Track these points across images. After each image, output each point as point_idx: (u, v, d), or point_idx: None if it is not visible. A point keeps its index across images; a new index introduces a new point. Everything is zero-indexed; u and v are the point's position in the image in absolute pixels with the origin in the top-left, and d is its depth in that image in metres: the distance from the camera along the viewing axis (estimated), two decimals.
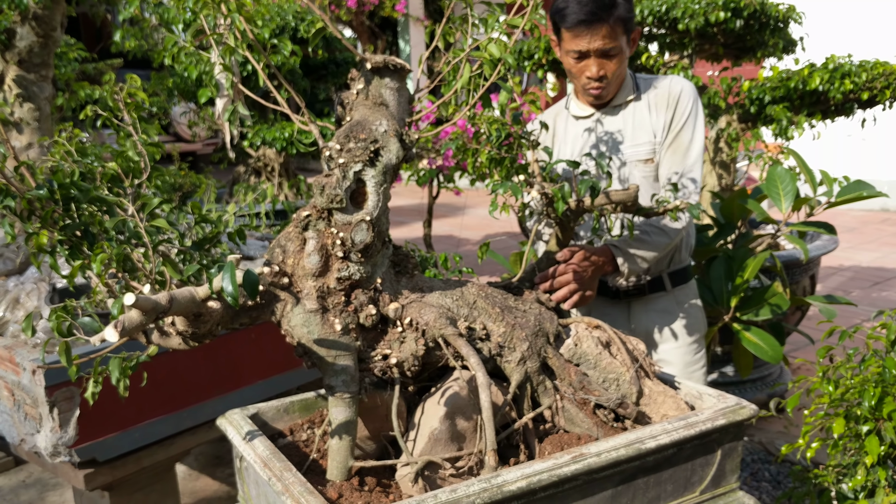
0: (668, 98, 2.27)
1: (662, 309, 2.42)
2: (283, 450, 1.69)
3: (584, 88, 2.25)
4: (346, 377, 1.49)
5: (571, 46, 2.16)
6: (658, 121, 2.27)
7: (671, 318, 2.42)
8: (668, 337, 2.44)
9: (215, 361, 2.33)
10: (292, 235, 1.50)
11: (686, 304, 2.44)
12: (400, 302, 1.55)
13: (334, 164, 1.45)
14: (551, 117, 2.42)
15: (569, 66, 2.22)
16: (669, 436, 1.55)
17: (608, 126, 2.32)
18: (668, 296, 2.41)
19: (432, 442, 1.49)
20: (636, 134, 2.28)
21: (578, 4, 2.11)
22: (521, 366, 1.59)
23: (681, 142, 2.26)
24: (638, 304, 2.41)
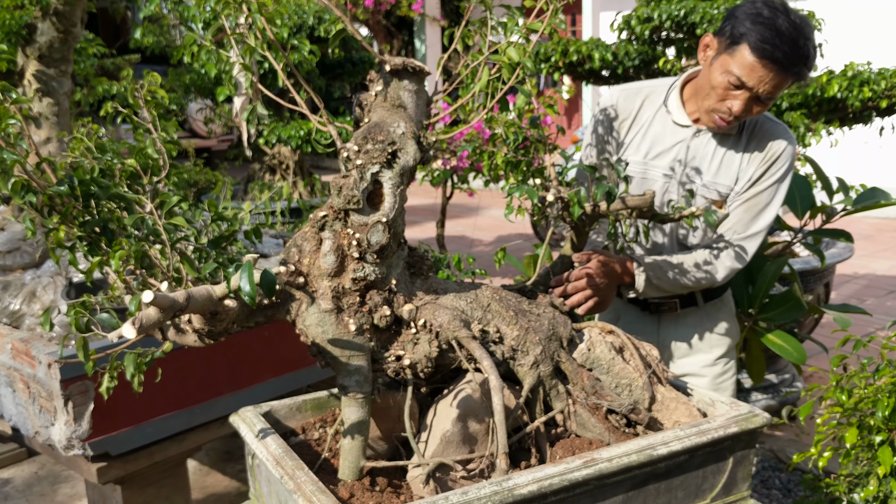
0: (769, 152, 2.10)
1: (694, 324, 2.35)
2: (294, 448, 1.69)
3: (710, 111, 2.03)
4: (360, 377, 1.49)
5: (737, 71, 1.93)
6: (747, 169, 2.11)
7: (702, 333, 2.34)
8: (697, 351, 2.37)
9: (228, 358, 2.34)
10: (308, 235, 1.51)
11: (718, 318, 2.36)
12: (414, 303, 1.55)
13: (352, 165, 1.45)
14: (639, 100, 2.19)
15: (713, 82, 1.98)
16: (681, 442, 1.54)
17: (699, 149, 2.14)
18: (700, 310, 2.33)
19: (444, 444, 1.49)
20: (721, 171, 2.13)
21: (779, 38, 1.88)
22: (534, 369, 1.60)
23: (758, 202, 2.12)
24: (668, 318, 2.35)
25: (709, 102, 2.03)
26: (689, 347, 2.38)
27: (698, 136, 2.15)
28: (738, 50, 1.93)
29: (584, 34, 12.21)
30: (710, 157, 2.14)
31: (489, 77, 1.56)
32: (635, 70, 3.96)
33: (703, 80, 2.05)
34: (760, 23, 1.91)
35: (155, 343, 1.56)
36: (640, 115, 2.20)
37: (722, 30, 1.98)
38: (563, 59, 3.96)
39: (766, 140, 2.13)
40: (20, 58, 3.17)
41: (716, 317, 2.38)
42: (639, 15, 3.84)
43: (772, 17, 1.91)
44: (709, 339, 2.38)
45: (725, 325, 2.39)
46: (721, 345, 2.40)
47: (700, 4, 3.66)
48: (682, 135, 2.16)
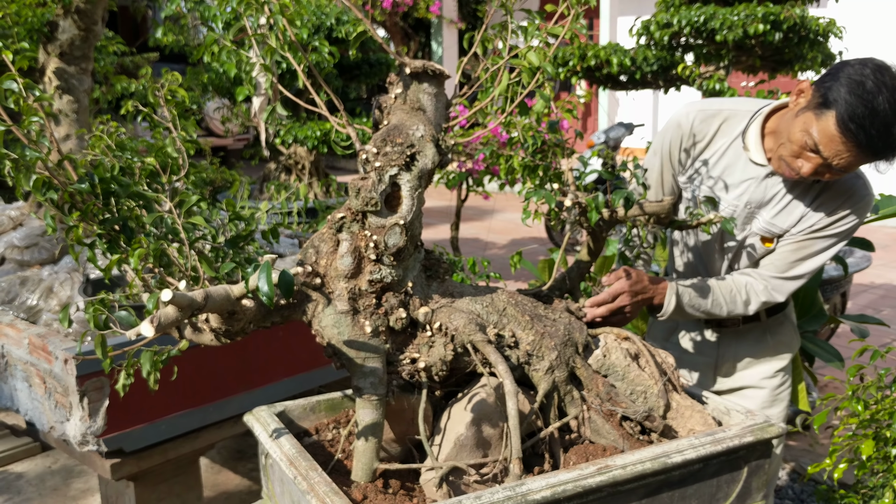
0: (839, 208, 1.99)
1: (755, 339, 2.30)
2: (308, 448, 1.70)
3: (781, 159, 1.92)
4: (375, 379, 1.49)
5: (817, 136, 1.79)
6: (811, 217, 2.01)
7: (763, 348, 2.30)
8: (758, 364, 2.33)
9: (242, 357, 2.35)
10: (326, 236, 1.51)
11: (780, 332, 2.33)
12: (430, 306, 1.55)
13: (370, 167, 1.46)
14: (715, 124, 2.06)
15: (791, 135, 1.85)
16: (696, 451, 1.53)
17: (769, 189, 2.03)
18: (761, 325, 2.29)
19: (458, 447, 1.49)
20: (784, 213, 2.03)
21: (870, 120, 1.72)
22: (549, 375, 1.59)
23: (810, 248, 2.03)
24: (728, 333, 2.30)
25: (782, 151, 1.91)
26: (749, 361, 2.33)
27: (771, 178, 2.04)
28: (826, 115, 1.78)
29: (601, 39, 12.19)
30: (777, 198, 2.04)
31: (509, 81, 1.56)
32: (653, 75, 3.95)
33: (786, 126, 1.90)
34: (858, 95, 1.73)
35: (171, 341, 1.57)
36: (715, 141, 2.08)
37: (821, 84, 1.82)
38: (580, 63, 3.95)
39: (840, 194, 2.00)
40: (41, 55, 3.20)
41: (778, 331, 2.33)
42: (658, 20, 3.83)
43: (874, 92, 1.73)
44: (770, 353, 2.33)
45: (787, 340, 2.34)
46: (782, 358, 2.35)
47: (720, 11, 3.65)
48: (754, 172, 2.04)
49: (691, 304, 2.05)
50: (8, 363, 2.31)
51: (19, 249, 2.75)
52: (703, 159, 2.09)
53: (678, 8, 3.80)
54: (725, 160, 2.07)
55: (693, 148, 2.10)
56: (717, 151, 2.08)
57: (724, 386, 2.37)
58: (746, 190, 2.05)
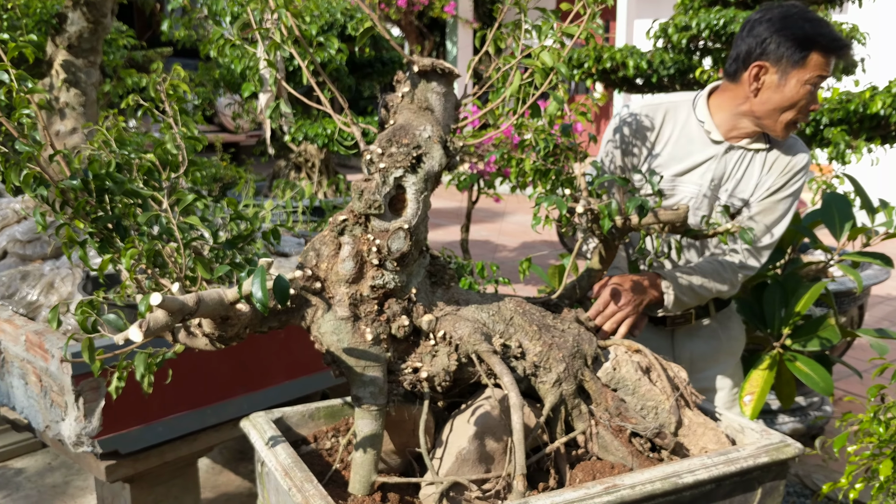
0: (788, 164, 2.11)
1: (708, 335, 2.32)
2: (305, 457, 1.64)
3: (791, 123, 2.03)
4: (374, 389, 1.44)
5: (818, 72, 1.96)
6: (766, 180, 2.12)
7: (716, 344, 2.32)
8: (712, 363, 2.34)
9: (242, 360, 2.30)
10: (327, 239, 1.46)
11: (730, 327, 2.35)
12: (434, 314, 1.49)
13: (375, 168, 1.40)
14: (659, 117, 2.14)
15: (793, 98, 1.99)
16: (708, 471, 1.47)
17: (730, 164, 2.13)
18: (713, 321, 2.31)
19: (459, 462, 1.43)
20: (742, 183, 2.13)
21: (827, 26, 1.98)
22: (557, 388, 1.53)
23: (773, 213, 2.13)
24: (682, 331, 2.31)
25: (790, 116, 2.02)
26: (705, 361, 2.35)
27: (730, 153, 2.14)
28: (810, 59, 1.95)
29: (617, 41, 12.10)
30: (735, 171, 2.14)
31: (521, 81, 1.50)
32: (670, 79, 3.87)
33: (772, 103, 2.02)
34: (812, 21, 1.96)
35: (166, 343, 1.52)
36: (663, 132, 2.16)
37: (770, 53, 1.99)
38: (596, 65, 3.88)
39: (786, 152, 2.13)
40: (49, 47, 3.16)
41: (727, 326, 2.36)
42: (676, 23, 3.75)
43: (807, 13, 1.99)
44: (722, 350, 2.35)
45: (737, 334, 2.38)
46: (734, 355, 2.38)
47: (740, 14, 3.57)
48: (714, 150, 2.13)
49: (683, 291, 2.06)
50: (5, 359, 2.27)
51: (21, 243, 2.71)
52: (656, 152, 2.16)
53: (697, 11, 3.73)
54: (681, 146, 2.14)
55: (641, 143, 2.17)
56: (670, 140, 2.15)
57: None
58: (709, 168, 2.13)
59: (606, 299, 1.87)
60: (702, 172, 2.12)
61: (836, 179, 3.19)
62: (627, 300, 1.89)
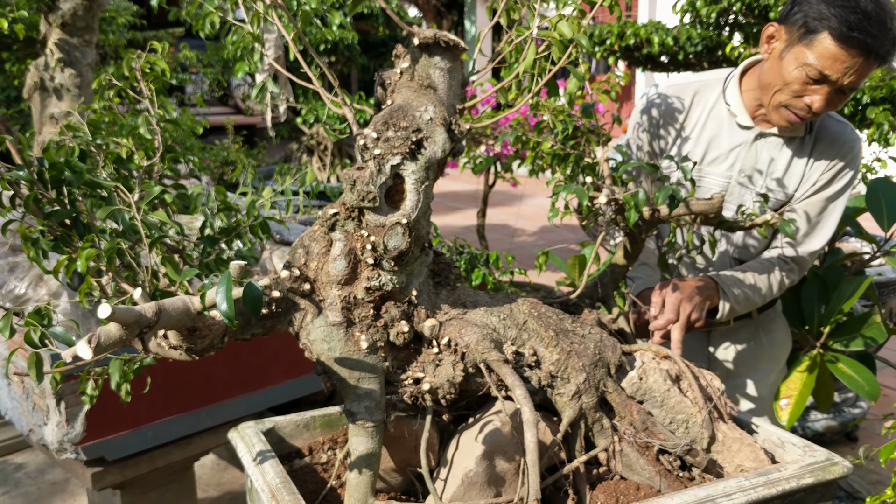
0: (836, 158, 1.87)
1: (747, 338, 2.11)
2: (299, 472, 1.50)
3: (781, 106, 1.77)
4: (370, 403, 1.28)
5: (817, 63, 1.66)
6: (811, 175, 1.89)
7: (756, 348, 2.11)
8: (752, 369, 2.13)
9: (238, 358, 2.15)
10: (317, 235, 1.30)
11: (773, 330, 2.13)
12: (438, 318, 1.33)
13: (369, 155, 1.23)
14: (688, 98, 1.93)
15: (786, 77, 1.72)
16: (746, 495, 1.31)
17: (761, 153, 1.90)
18: (753, 322, 2.10)
19: (466, 485, 1.27)
20: (785, 178, 1.90)
21: (866, 21, 1.61)
22: (576, 400, 1.36)
23: (821, 211, 1.91)
24: (719, 334, 2.12)
25: (781, 98, 1.76)
26: (744, 366, 2.14)
27: (760, 140, 1.91)
28: (817, 39, 1.66)
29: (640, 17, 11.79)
30: (772, 162, 1.90)
31: (536, 55, 1.32)
32: (697, 56, 3.66)
33: (771, 75, 1.77)
34: (840, 5, 1.63)
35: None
36: (691, 115, 1.94)
37: (790, 17, 1.71)
38: (618, 42, 3.68)
39: (833, 144, 1.89)
40: (42, 25, 3.01)
41: (770, 329, 2.15)
42: None
43: None
44: (764, 355, 2.14)
45: (781, 338, 2.17)
46: (777, 361, 2.17)
47: None
48: (741, 137, 1.91)
49: (737, 299, 1.88)
50: None
51: (11, 233, 2.57)
52: (685, 136, 1.95)
53: None
54: (709, 131, 1.93)
55: (670, 127, 1.95)
56: (697, 124, 1.94)
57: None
58: (737, 158, 1.92)
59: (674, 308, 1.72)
60: (730, 163, 1.91)
61: (878, 163, 2.98)
62: (691, 308, 1.73)
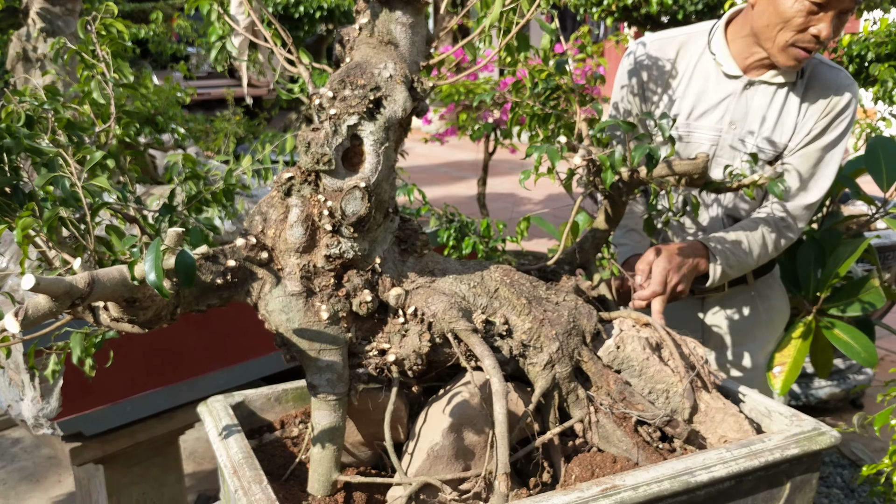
0: (830, 104, 1.80)
1: (742, 304, 2.03)
2: (268, 447, 1.46)
3: (788, 46, 1.69)
4: (332, 376, 1.23)
5: None
6: (805, 123, 1.82)
7: (752, 315, 2.03)
8: (749, 337, 2.06)
9: (216, 330, 2.11)
10: (275, 201, 1.24)
11: (770, 297, 2.05)
12: (404, 287, 1.28)
13: (325, 115, 1.17)
14: (672, 51, 1.87)
15: (784, 14, 1.66)
16: (727, 466, 1.25)
17: (751, 103, 1.83)
18: (749, 289, 2.02)
19: (432, 459, 1.23)
20: (777, 127, 1.83)
21: None
22: (549, 370, 1.31)
23: (817, 162, 1.83)
24: (714, 300, 2.04)
25: (785, 37, 1.69)
26: (741, 332, 2.06)
27: (750, 89, 1.84)
28: None
29: None
30: (763, 111, 1.83)
31: (503, 7, 1.25)
32: (698, 15, 3.55)
33: (766, 17, 1.70)
34: None
35: None
36: (677, 69, 1.88)
37: None
38: (616, 2, 3.57)
39: (826, 89, 1.82)
40: None
41: (767, 295, 2.06)
42: None
43: None
44: (760, 322, 2.06)
45: (778, 304, 2.08)
46: (774, 329, 2.09)
47: None
48: (730, 88, 1.84)
49: (729, 262, 1.80)
50: None
51: None
52: (671, 91, 1.88)
53: None
54: (696, 84, 1.86)
55: (655, 83, 1.88)
56: (684, 77, 1.88)
57: (713, 366, 2.07)
58: (727, 109, 1.85)
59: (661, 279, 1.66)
60: (719, 115, 1.84)
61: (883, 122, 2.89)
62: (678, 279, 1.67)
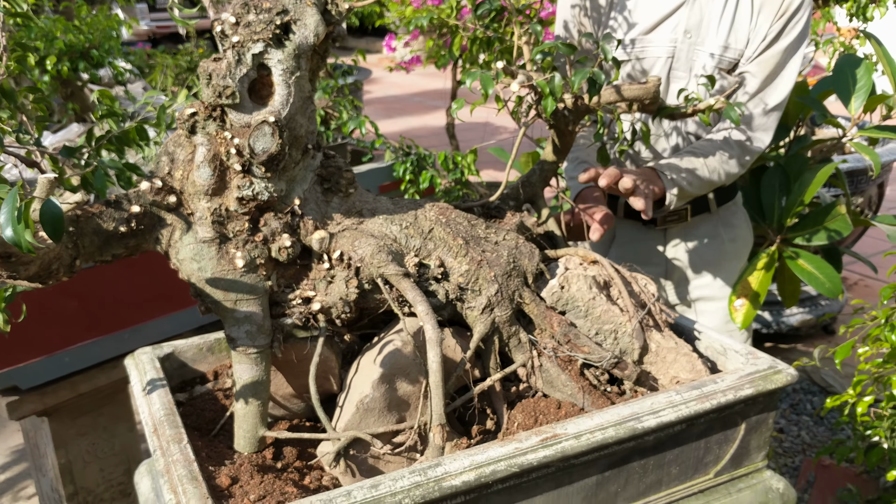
0: (784, 6, 1.70)
1: (706, 234, 1.94)
2: (198, 400, 1.38)
3: None
4: (251, 327, 1.15)
5: None
6: (760, 28, 1.72)
7: (716, 245, 1.95)
8: (714, 268, 1.98)
9: (161, 276, 2.01)
10: (182, 140, 1.13)
11: (734, 225, 1.97)
12: (328, 230, 1.19)
13: (228, 43, 1.06)
14: None
15: None
16: (676, 410, 1.19)
17: (705, 8, 1.73)
18: (713, 217, 1.93)
19: (362, 412, 1.16)
20: (733, 34, 1.73)
21: None
22: (488, 314, 1.23)
23: (775, 68, 1.73)
24: (676, 230, 1.94)
25: None
26: (705, 264, 1.98)
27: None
28: None
29: None
30: (718, 16, 1.72)
31: None
32: None
33: None
34: None
35: None
36: None
37: None
38: None
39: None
40: None
41: (731, 223, 1.98)
42: None
43: None
44: (725, 253, 1.98)
45: (743, 234, 2.00)
46: (739, 258, 2.01)
47: None
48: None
49: (686, 180, 1.70)
50: None
51: None
52: (622, 5, 1.76)
53: None
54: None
55: (607, 1, 1.76)
56: None
57: (677, 300, 2.03)
58: (680, 17, 1.75)
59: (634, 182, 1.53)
60: (673, 25, 1.73)
61: (857, 41, 2.77)
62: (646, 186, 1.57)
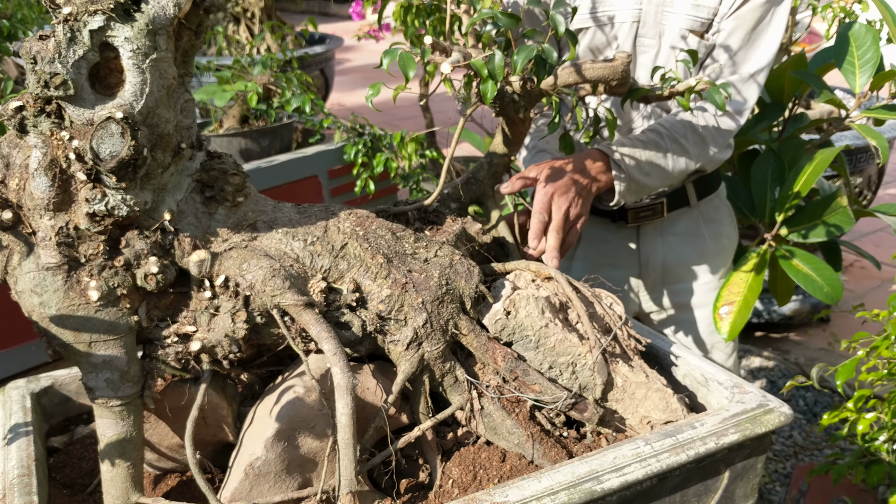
0: None
1: (686, 231, 1.68)
2: (77, 445, 1.16)
3: None
4: (112, 374, 0.92)
5: None
6: None
7: (699, 244, 1.69)
8: (694, 269, 1.72)
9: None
10: (20, 141, 0.89)
11: (717, 220, 1.71)
12: (211, 249, 0.95)
13: (59, 17, 0.82)
14: None
15: None
16: (644, 467, 0.98)
17: None
18: (692, 212, 1.67)
19: (252, 478, 0.93)
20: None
21: None
22: (415, 349, 1.00)
23: (754, 26, 1.47)
24: (651, 227, 1.67)
25: None
26: (683, 267, 1.71)
27: None
28: None
29: None
30: None
31: None
32: None
33: None
34: None
35: None
36: None
37: None
38: None
39: None
40: None
41: (714, 219, 1.71)
42: None
43: None
44: (707, 253, 1.71)
45: (727, 231, 1.74)
46: (723, 258, 1.75)
47: None
48: None
49: (641, 168, 1.43)
50: None
51: None
52: None
53: None
54: None
55: None
56: None
57: (653, 307, 1.74)
58: None
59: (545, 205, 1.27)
60: None
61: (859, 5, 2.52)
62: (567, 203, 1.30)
